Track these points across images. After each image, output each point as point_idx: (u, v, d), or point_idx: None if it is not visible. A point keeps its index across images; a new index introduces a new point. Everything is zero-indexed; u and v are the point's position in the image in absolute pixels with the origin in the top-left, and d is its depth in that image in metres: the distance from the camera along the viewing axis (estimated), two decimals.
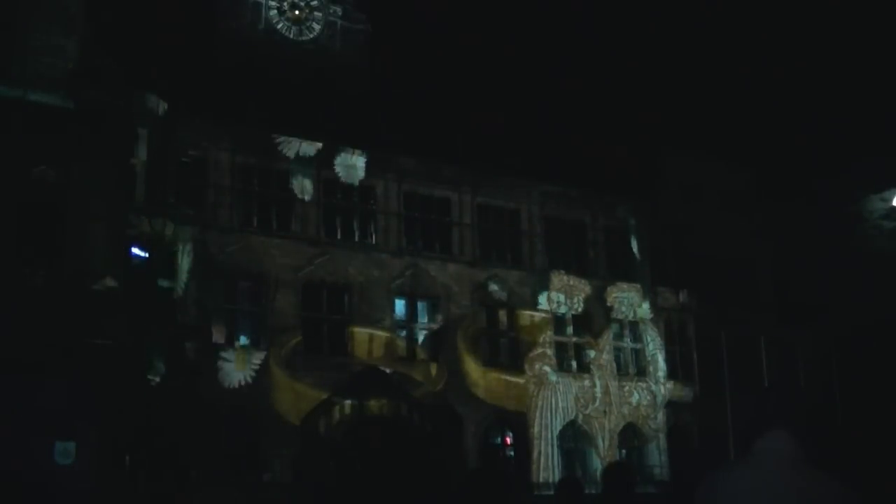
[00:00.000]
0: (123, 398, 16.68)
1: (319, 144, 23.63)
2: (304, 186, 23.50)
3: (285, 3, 27.64)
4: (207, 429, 19.63)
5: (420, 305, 25.37)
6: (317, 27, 28.02)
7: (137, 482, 17.49)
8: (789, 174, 31.18)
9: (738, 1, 39.60)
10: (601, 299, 27.30)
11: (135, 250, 19.00)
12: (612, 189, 28.06)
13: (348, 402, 22.70)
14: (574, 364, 26.72)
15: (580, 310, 26.88)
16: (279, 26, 27.48)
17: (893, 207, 29.83)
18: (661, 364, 27.93)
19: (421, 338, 25.22)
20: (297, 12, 27.73)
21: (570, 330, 26.88)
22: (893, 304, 26.31)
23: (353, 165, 24.36)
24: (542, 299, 26.30)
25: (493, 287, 25.69)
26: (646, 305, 28.03)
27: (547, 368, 25.84)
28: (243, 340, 22.31)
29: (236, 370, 21.47)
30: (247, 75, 24.16)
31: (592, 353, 27.00)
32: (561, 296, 26.53)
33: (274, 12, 27.43)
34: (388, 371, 23.40)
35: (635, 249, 28.72)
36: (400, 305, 24.88)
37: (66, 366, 15.79)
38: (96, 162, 17.69)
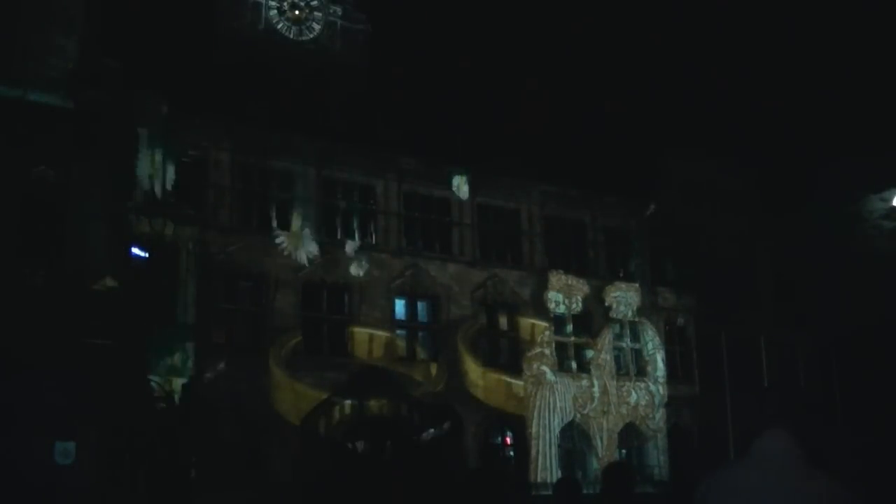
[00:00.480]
0: (123, 398, 16.67)
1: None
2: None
3: (285, 3, 27.63)
4: (207, 428, 19.62)
5: (420, 305, 25.37)
6: (317, 27, 28.02)
7: (137, 482, 17.48)
8: (789, 174, 31.17)
9: (738, 1, 39.61)
10: (600, 299, 27.30)
11: (135, 250, 18.98)
12: (612, 189, 28.06)
13: (348, 402, 22.71)
14: (574, 364, 26.71)
15: (579, 310, 26.86)
16: (279, 26, 27.47)
17: (893, 207, 29.84)
18: (660, 364, 27.92)
19: (420, 338, 25.25)
20: (297, 12, 27.73)
21: (569, 329, 26.87)
22: (893, 304, 26.31)
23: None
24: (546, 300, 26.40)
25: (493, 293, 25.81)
26: (643, 304, 28.01)
27: (545, 368, 25.82)
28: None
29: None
30: (247, 75, 24.15)
31: (591, 353, 26.99)
32: (559, 296, 26.52)
33: (274, 12, 27.42)
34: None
35: (635, 249, 28.73)
36: (400, 305, 24.88)
37: (67, 366, 15.78)
38: (96, 162, 17.69)
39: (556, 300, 26.43)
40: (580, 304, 26.86)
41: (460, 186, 25.59)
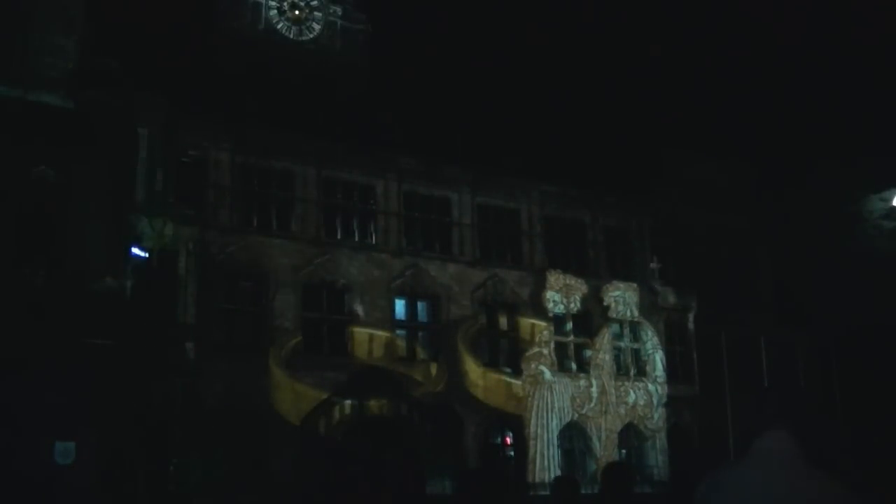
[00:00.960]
0: (123, 398, 16.67)
1: None
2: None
3: (285, 3, 27.66)
4: (207, 428, 19.61)
5: (420, 305, 25.35)
6: (317, 27, 28.04)
7: (137, 482, 17.48)
8: (789, 174, 31.18)
9: (738, 1, 39.64)
10: (599, 298, 27.27)
11: (135, 250, 18.98)
12: (612, 189, 28.06)
13: (348, 402, 22.70)
14: (573, 364, 26.67)
15: (577, 309, 26.82)
16: (279, 26, 27.49)
17: (893, 207, 29.83)
18: (659, 364, 27.89)
19: (421, 338, 25.24)
20: (297, 12, 27.75)
21: (568, 327, 26.83)
22: (893, 304, 26.31)
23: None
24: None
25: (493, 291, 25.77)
26: (643, 304, 27.98)
27: (543, 368, 25.78)
28: None
29: None
30: (247, 75, 24.16)
31: (590, 353, 26.95)
32: (557, 295, 26.49)
33: (274, 12, 27.44)
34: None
35: (635, 249, 28.71)
36: (400, 305, 24.87)
37: (66, 366, 15.78)
38: (96, 162, 17.69)
39: (554, 300, 26.40)
40: (579, 304, 26.81)
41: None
